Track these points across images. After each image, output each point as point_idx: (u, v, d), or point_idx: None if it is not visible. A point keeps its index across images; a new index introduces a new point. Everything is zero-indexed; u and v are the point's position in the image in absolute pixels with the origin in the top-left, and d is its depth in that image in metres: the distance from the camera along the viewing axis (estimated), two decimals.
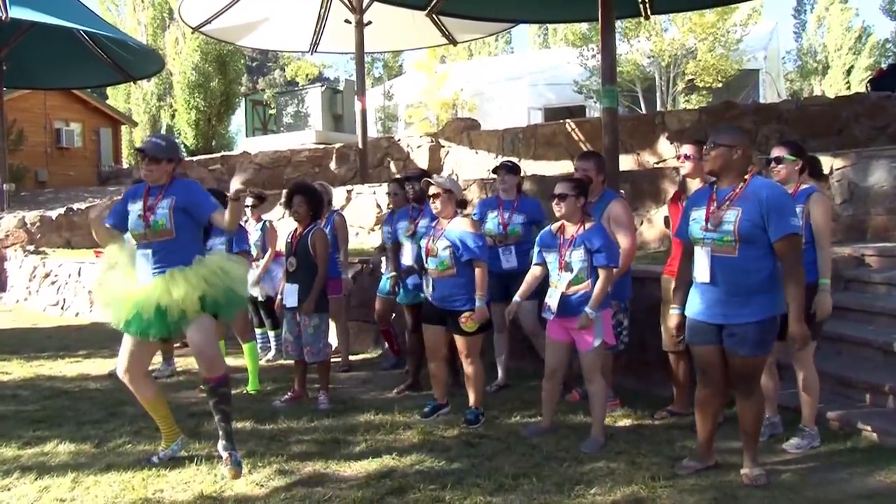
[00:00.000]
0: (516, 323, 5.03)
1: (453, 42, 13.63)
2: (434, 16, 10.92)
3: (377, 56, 29.74)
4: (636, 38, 19.90)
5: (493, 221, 5.26)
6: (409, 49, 17.11)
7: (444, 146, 13.10)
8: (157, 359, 6.46)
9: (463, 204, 4.65)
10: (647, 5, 9.79)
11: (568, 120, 12.42)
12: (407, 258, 5.27)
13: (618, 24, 19.37)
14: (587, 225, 4.17)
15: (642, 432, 4.38)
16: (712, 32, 19.16)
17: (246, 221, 6.37)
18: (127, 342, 3.90)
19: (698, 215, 3.49)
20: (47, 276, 9.82)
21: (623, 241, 4.56)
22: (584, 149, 11.45)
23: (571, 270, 4.13)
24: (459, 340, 4.55)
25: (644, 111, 19.83)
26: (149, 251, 3.79)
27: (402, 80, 26.48)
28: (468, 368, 4.57)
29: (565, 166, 11.20)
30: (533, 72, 23.53)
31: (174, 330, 3.81)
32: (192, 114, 18.91)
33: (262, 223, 6.43)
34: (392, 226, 5.84)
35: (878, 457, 3.77)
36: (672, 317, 3.75)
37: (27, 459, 4.12)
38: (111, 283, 3.89)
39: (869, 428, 4.00)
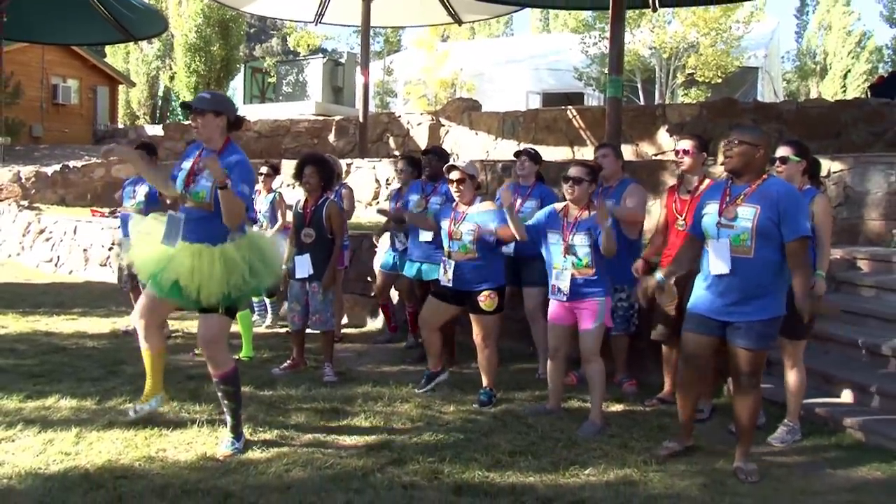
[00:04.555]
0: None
1: (458, 21, 13.57)
2: None
3: (378, 31, 29.53)
4: (638, 29, 19.89)
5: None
6: (414, 26, 17.02)
7: (444, 125, 13.11)
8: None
9: (479, 187, 4.73)
10: None
11: (569, 107, 12.46)
12: (425, 235, 5.32)
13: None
14: (592, 211, 4.25)
15: (634, 417, 4.49)
16: (715, 28, 19.19)
17: (258, 193, 6.39)
18: (145, 295, 3.89)
19: (712, 210, 3.56)
20: (41, 232, 9.78)
21: (633, 207, 4.75)
22: (584, 136, 11.52)
23: (576, 255, 4.22)
24: (477, 321, 4.62)
25: (643, 102, 19.89)
26: (183, 216, 3.68)
27: (402, 56, 26.35)
28: (484, 352, 4.64)
29: (564, 152, 11.28)
30: (534, 56, 23.49)
31: (188, 304, 3.74)
32: (193, 78, 18.68)
33: (272, 194, 6.46)
34: (400, 201, 5.89)
35: (862, 453, 3.90)
36: (651, 279, 3.86)
37: (29, 412, 4.17)
38: (146, 240, 3.85)
39: (854, 425, 4.13)
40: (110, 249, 8.84)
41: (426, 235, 5.40)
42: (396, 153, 13.01)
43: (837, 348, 4.90)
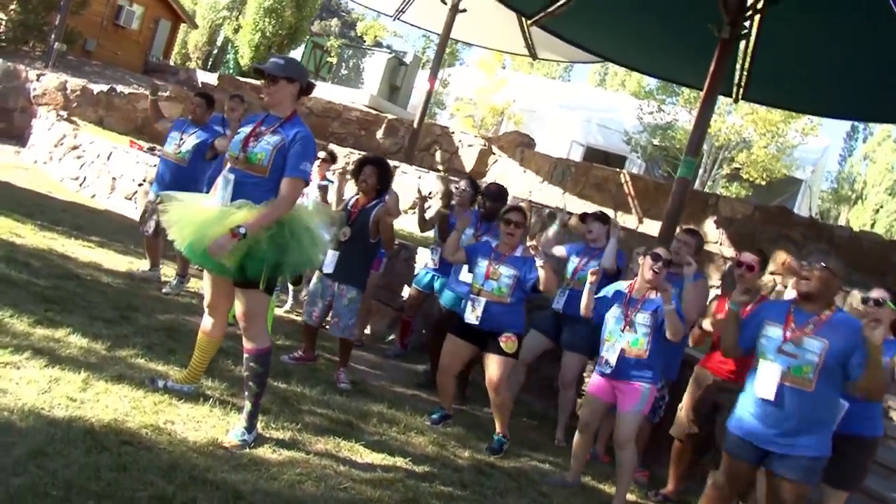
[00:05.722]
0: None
1: (533, 56, 13.49)
2: (528, 26, 10.79)
3: (436, 38, 29.42)
4: (697, 109, 19.84)
5: (570, 265, 5.20)
6: (490, 48, 16.91)
7: (494, 153, 12.94)
8: (169, 271, 6.28)
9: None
10: (742, 89, 9.72)
11: (623, 171, 12.31)
12: (465, 275, 5.12)
13: (684, 91, 19.60)
14: (659, 294, 4.07)
15: None
16: (772, 130, 19.15)
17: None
18: (207, 276, 3.70)
19: (774, 333, 3.34)
20: (75, 147, 9.52)
21: (690, 305, 4.51)
22: (631, 203, 11.35)
23: (635, 332, 4.02)
24: (495, 362, 4.42)
25: None
26: (232, 177, 3.45)
27: (459, 70, 26.24)
28: (499, 396, 4.44)
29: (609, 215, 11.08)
30: (587, 107, 23.43)
31: (228, 274, 3.46)
32: (257, 36, 18.47)
33: (324, 182, 6.23)
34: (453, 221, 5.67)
35: None
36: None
37: (37, 340, 3.92)
38: (184, 206, 3.59)
39: None
40: (139, 185, 8.60)
41: (466, 276, 5.22)
42: (440, 167, 12.82)
43: (864, 500, 4.68)
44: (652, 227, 10.52)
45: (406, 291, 6.48)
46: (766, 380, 3.28)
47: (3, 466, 2.62)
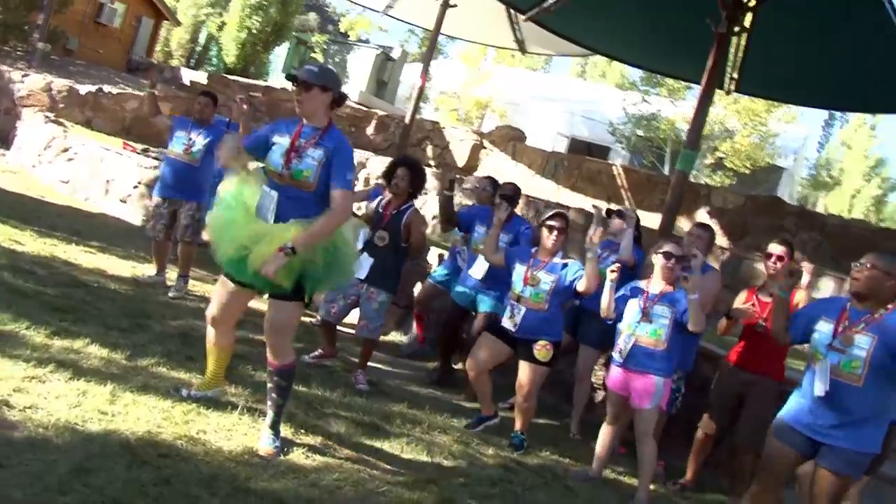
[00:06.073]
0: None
1: (522, 50, 13.44)
2: (519, 20, 10.78)
3: (420, 31, 29.33)
4: (683, 101, 20.04)
5: None
6: (478, 43, 16.82)
7: (486, 147, 12.94)
8: (173, 275, 6.21)
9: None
10: (735, 82, 9.78)
11: (616, 163, 12.37)
12: (478, 271, 5.12)
13: (668, 82, 19.74)
14: (677, 287, 4.14)
15: (661, 501, 4.35)
16: (755, 120, 19.35)
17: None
18: (219, 289, 3.57)
19: (825, 328, 3.39)
20: (65, 150, 9.36)
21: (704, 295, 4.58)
22: (624, 195, 11.42)
23: (652, 322, 4.07)
24: (527, 369, 4.44)
25: (667, 172, 19.95)
26: (276, 194, 3.35)
27: (443, 64, 26.15)
28: (526, 399, 4.47)
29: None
30: (570, 99, 23.50)
31: (265, 287, 3.41)
32: (243, 34, 18.23)
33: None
34: (471, 218, 5.65)
35: None
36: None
37: (57, 352, 3.86)
38: (227, 217, 3.45)
39: None
40: (135, 188, 8.49)
41: (479, 272, 5.23)
42: (432, 163, 12.80)
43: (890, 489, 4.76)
44: (646, 219, 10.60)
45: (416, 290, 6.48)
46: (818, 376, 3.32)
47: (49, 486, 2.60)
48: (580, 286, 4.32)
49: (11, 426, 2.94)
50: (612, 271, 4.18)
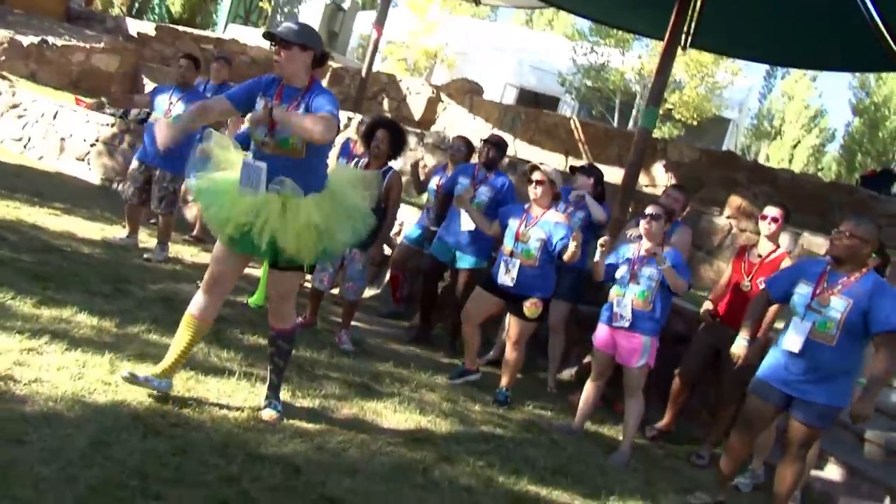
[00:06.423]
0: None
1: (476, 2, 13.32)
2: None
3: None
4: (631, 52, 20.25)
5: None
6: None
7: (442, 101, 12.89)
8: (151, 242, 6.14)
9: (557, 197, 4.66)
10: (689, 38, 9.95)
11: (573, 118, 12.49)
12: (467, 223, 5.21)
13: (617, 33, 19.84)
14: (664, 248, 4.33)
15: (641, 449, 4.60)
16: (703, 72, 19.71)
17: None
18: (218, 255, 3.40)
19: (804, 290, 3.61)
20: (15, 106, 8.97)
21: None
22: (582, 149, 11.59)
23: (640, 284, 4.27)
24: (516, 324, 4.61)
25: (616, 124, 20.23)
26: (264, 165, 3.18)
27: (390, 13, 25.55)
28: (512, 354, 4.64)
29: (559, 159, 11.29)
30: (519, 49, 23.31)
31: (265, 256, 3.41)
32: None
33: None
34: (443, 178, 5.75)
35: None
36: (741, 347, 3.90)
37: (48, 323, 3.84)
38: (218, 186, 3.33)
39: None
40: (92, 146, 8.24)
41: (468, 225, 5.31)
42: (389, 116, 12.68)
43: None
44: (605, 173, 10.81)
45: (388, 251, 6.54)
46: (793, 333, 3.56)
47: (72, 460, 2.63)
48: (565, 256, 4.46)
49: (21, 400, 2.95)
50: (601, 245, 4.31)
